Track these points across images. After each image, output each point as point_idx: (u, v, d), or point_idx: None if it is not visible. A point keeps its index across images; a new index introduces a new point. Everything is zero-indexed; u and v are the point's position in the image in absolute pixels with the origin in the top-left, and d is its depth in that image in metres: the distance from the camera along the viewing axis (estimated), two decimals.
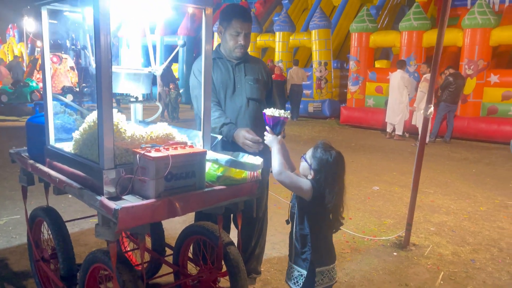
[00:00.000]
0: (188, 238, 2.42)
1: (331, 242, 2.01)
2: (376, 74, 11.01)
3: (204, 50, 2.11)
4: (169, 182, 1.81)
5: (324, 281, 1.91)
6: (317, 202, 1.86)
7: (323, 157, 1.85)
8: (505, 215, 4.46)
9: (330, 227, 1.96)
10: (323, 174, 1.85)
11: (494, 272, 3.17)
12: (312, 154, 1.90)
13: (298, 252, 1.93)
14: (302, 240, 1.91)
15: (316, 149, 1.90)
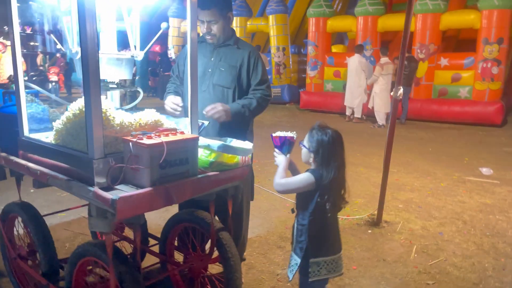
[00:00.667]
0: (175, 226, 2.38)
1: (334, 232, 1.97)
2: (334, 59, 11.23)
3: (189, 37, 2.04)
4: (164, 169, 1.76)
5: (321, 273, 1.89)
6: (321, 190, 1.86)
7: (320, 137, 1.87)
8: (464, 190, 4.75)
9: (332, 214, 1.92)
10: (321, 154, 1.86)
11: (461, 243, 3.38)
12: (309, 138, 1.92)
13: (297, 241, 1.95)
14: (300, 229, 1.93)
15: (312, 131, 1.91)
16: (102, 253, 1.79)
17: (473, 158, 6.31)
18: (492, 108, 9.11)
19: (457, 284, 2.76)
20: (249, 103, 2.59)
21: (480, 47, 9.22)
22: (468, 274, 2.88)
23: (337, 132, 1.90)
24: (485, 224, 3.76)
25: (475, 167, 5.74)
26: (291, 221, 3.79)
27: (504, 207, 4.20)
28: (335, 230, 1.97)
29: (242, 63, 2.65)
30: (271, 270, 2.91)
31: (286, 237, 3.46)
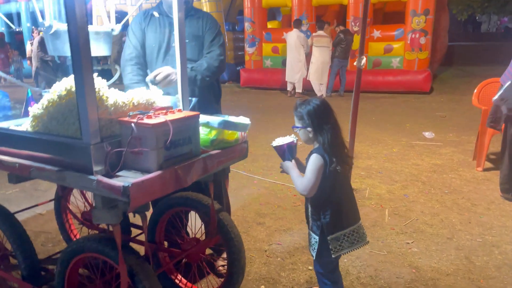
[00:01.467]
0: (166, 212, 2.24)
1: (350, 201, 1.94)
2: (271, 35, 11.22)
3: (177, 17, 1.88)
4: (169, 151, 1.63)
5: (344, 246, 1.87)
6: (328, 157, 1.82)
7: (306, 109, 1.84)
8: (414, 153, 5.04)
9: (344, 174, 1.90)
10: (316, 123, 1.83)
11: (426, 202, 3.59)
12: (297, 117, 1.88)
13: (313, 219, 1.92)
14: (315, 206, 1.89)
15: (297, 110, 1.88)
16: (105, 247, 1.63)
17: (413, 124, 6.72)
18: (421, 76, 9.72)
19: (433, 240, 2.94)
20: (199, 65, 2.36)
21: (409, 18, 9.72)
22: (440, 230, 3.07)
23: (319, 98, 1.89)
24: (441, 183, 4.02)
25: (417, 132, 6.11)
26: (264, 198, 3.81)
27: (453, 166, 4.53)
28: (351, 198, 1.96)
29: (203, 31, 2.46)
30: (257, 247, 2.88)
31: (263, 213, 3.44)
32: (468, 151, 5.04)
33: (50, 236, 3.13)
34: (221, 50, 2.50)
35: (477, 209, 3.43)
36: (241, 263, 2.09)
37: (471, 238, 2.94)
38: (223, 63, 2.48)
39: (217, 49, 2.48)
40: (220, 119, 1.84)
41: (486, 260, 2.65)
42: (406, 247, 2.85)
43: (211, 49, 2.47)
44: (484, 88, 4.56)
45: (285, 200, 3.73)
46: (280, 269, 2.62)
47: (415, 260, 2.68)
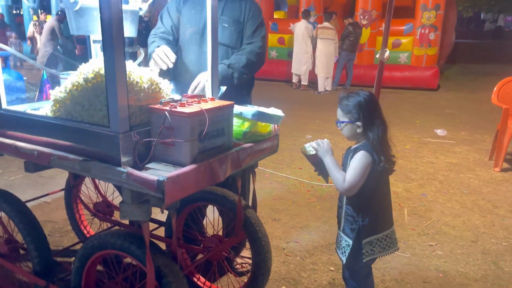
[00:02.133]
0: (187, 206, 2.11)
1: (387, 204, 1.82)
2: (278, 25, 11.02)
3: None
4: (202, 142, 1.49)
5: (376, 251, 1.75)
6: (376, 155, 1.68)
7: (355, 101, 1.70)
8: (428, 151, 4.93)
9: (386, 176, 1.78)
10: (367, 116, 1.69)
11: (445, 202, 3.48)
12: (343, 110, 1.73)
13: (348, 220, 1.78)
14: (356, 208, 1.75)
15: (343, 103, 1.74)
16: (131, 245, 1.50)
17: (423, 121, 6.60)
18: (429, 72, 9.60)
19: (457, 243, 2.83)
20: (237, 61, 2.19)
21: (419, 13, 9.56)
22: (463, 233, 2.97)
23: (366, 91, 1.75)
24: (459, 183, 3.91)
25: (428, 129, 6.00)
26: (276, 192, 3.68)
27: (469, 165, 4.42)
28: (389, 201, 1.83)
29: (244, 16, 2.27)
30: (274, 244, 2.76)
31: (277, 208, 3.32)
32: (483, 150, 4.93)
33: (57, 226, 2.99)
34: (262, 43, 2.29)
35: (499, 211, 3.32)
36: (268, 265, 1.96)
37: (496, 242, 2.84)
38: (263, 57, 2.31)
39: (259, 41, 2.27)
40: (254, 110, 1.71)
41: None
42: (430, 249, 2.73)
43: (253, 40, 2.27)
44: (504, 87, 4.43)
45: (299, 195, 3.60)
46: (300, 269, 2.50)
47: (441, 264, 2.57)
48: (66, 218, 2.74)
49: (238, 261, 2.44)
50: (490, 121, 6.29)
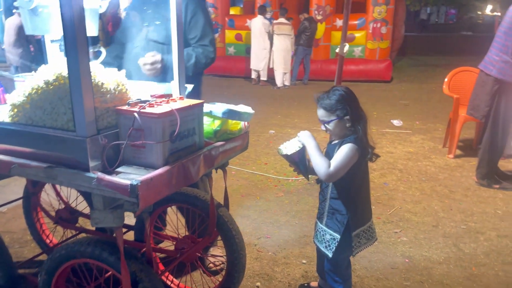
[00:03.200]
0: (157, 208, 2.06)
1: (368, 197, 1.88)
2: (234, 21, 10.98)
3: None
4: (174, 143, 1.46)
5: (362, 242, 1.81)
6: (361, 148, 1.72)
7: (338, 97, 1.73)
8: (387, 141, 5.10)
9: (365, 176, 1.84)
10: (353, 108, 1.73)
11: (406, 190, 3.62)
12: (327, 110, 1.74)
13: (333, 214, 1.80)
14: (343, 201, 1.77)
15: (324, 100, 1.76)
16: (103, 252, 1.45)
17: (380, 112, 6.81)
18: (383, 65, 9.92)
19: (420, 228, 2.95)
20: (187, 58, 2.18)
21: (370, 8, 9.84)
22: (424, 218, 3.10)
23: (345, 87, 1.80)
24: (418, 171, 4.08)
25: (386, 120, 6.20)
26: (244, 189, 3.68)
27: (425, 153, 4.61)
28: (369, 192, 1.89)
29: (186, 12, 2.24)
30: (246, 241, 2.73)
31: (246, 205, 3.32)
32: (436, 138, 5.16)
33: (15, 236, 2.84)
34: (213, 48, 2.32)
35: (455, 196, 3.50)
36: (242, 262, 1.96)
37: (455, 225, 2.99)
38: (214, 59, 2.33)
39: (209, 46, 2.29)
40: (225, 108, 1.69)
41: (474, 247, 2.69)
42: (395, 236, 2.84)
43: (202, 43, 2.28)
44: (455, 77, 4.66)
45: (267, 191, 3.62)
46: (273, 264, 2.52)
47: (406, 250, 2.67)
48: (25, 228, 2.61)
49: (211, 259, 2.42)
50: (441, 110, 6.61)
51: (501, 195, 3.49)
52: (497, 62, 3.42)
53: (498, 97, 3.44)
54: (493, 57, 3.46)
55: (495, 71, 3.43)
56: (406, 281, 2.36)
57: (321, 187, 1.87)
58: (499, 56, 3.40)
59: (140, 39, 2.25)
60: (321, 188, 1.87)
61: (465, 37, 26.27)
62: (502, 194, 3.51)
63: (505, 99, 3.42)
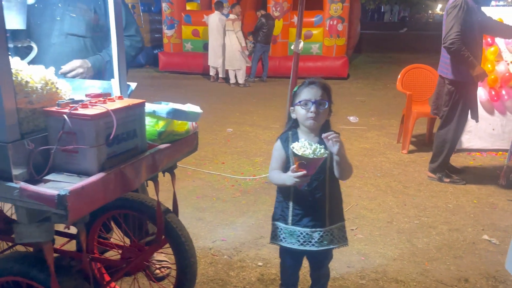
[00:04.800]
0: (102, 215, 1.92)
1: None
2: (191, 17, 10.76)
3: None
4: (111, 147, 1.34)
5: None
6: None
7: (324, 82, 1.73)
8: (343, 138, 5.03)
9: None
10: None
11: (362, 186, 3.64)
12: (326, 91, 1.72)
13: (338, 210, 1.87)
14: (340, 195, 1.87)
15: (326, 86, 1.73)
16: (32, 268, 1.30)
17: (337, 109, 6.76)
18: (339, 62, 10.06)
19: (375, 225, 2.96)
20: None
21: (327, 5, 9.94)
22: (380, 215, 3.12)
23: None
24: (373, 167, 4.13)
25: (342, 117, 6.26)
26: (200, 190, 3.57)
27: (380, 149, 4.68)
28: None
29: (96, 5, 2.15)
30: (201, 245, 2.66)
31: (201, 207, 3.22)
32: (391, 134, 5.26)
33: None
34: (140, 36, 2.29)
35: (409, 191, 3.56)
36: (193, 269, 1.86)
37: (409, 221, 3.02)
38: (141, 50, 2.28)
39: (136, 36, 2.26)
40: (169, 108, 1.58)
41: (427, 242, 2.73)
42: (352, 234, 2.83)
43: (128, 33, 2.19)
44: (407, 74, 4.75)
45: (223, 191, 3.53)
46: (228, 268, 2.43)
47: (362, 247, 2.67)
48: None
49: (157, 266, 2.30)
50: (395, 106, 6.76)
51: (452, 189, 3.58)
52: (447, 64, 3.50)
53: (455, 96, 3.50)
54: (444, 59, 3.54)
55: (448, 73, 3.50)
56: (362, 279, 2.35)
57: (313, 188, 1.74)
58: (447, 57, 3.47)
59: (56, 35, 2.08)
60: (313, 189, 1.74)
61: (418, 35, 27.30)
62: (452, 188, 3.60)
63: (461, 98, 3.49)
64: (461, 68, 3.37)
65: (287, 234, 1.81)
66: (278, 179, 1.74)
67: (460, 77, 3.42)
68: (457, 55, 3.29)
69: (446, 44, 3.30)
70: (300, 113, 1.73)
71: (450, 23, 3.31)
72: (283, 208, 1.83)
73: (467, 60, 3.27)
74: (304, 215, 1.78)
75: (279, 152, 1.81)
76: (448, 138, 3.59)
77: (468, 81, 3.40)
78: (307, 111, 1.70)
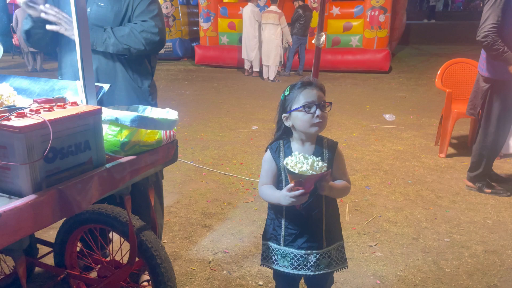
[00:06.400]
0: (76, 229, 1.77)
1: None
2: (227, 10, 10.59)
3: None
4: (52, 163, 1.15)
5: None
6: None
7: (323, 88, 1.53)
8: (376, 138, 4.76)
9: None
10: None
11: (389, 195, 3.30)
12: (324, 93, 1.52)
13: (338, 227, 1.66)
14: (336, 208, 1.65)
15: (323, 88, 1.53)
16: None
17: (373, 105, 6.47)
18: (381, 55, 9.50)
19: (398, 241, 2.63)
20: (119, 28, 1.88)
21: None
22: (405, 229, 2.78)
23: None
24: (404, 172, 3.75)
25: (378, 114, 5.86)
26: (212, 193, 3.38)
27: (415, 152, 4.28)
28: None
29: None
30: (200, 257, 2.47)
31: (210, 212, 3.02)
32: (429, 135, 4.82)
33: None
34: (155, 22, 1.93)
35: (443, 202, 3.17)
36: None
37: (438, 238, 2.67)
38: (155, 38, 1.93)
39: (151, 20, 1.93)
40: (134, 115, 1.37)
41: (456, 265, 2.38)
42: (369, 251, 2.53)
43: (143, 18, 1.93)
44: (448, 70, 4.30)
45: (236, 195, 3.32)
46: (226, 285, 2.22)
47: (379, 268, 2.36)
48: None
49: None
50: (438, 104, 6.24)
51: (493, 201, 3.16)
52: (484, 60, 3.09)
53: (490, 96, 3.09)
54: (482, 54, 3.12)
55: (484, 70, 3.10)
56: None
57: (308, 205, 1.50)
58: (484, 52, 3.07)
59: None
60: (308, 205, 1.50)
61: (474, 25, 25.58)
62: (494, 200, 3.18)
63: (498, 98, 3.07)
64: (497, 64, 2.95)
65: (280, 256, 1.58)
66: (271, 197, 1.51)
67: (496, 74, 3.00)
68: (490, 49, 2.88)
69: (480, 37, 2.89)
70: (303, 119, 1.48)
71: (486, 14, 2.90)
72: (275, 226, 1.60)
73: (502, 55, 2.84)
74: (299, 235, 1.55)
75: (269, 164, 1.58)
76: (488, 143, 3.16)
77: (504, 79, 2.97)
78: (313, 116, 1.46)
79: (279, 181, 1.57)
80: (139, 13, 1.91)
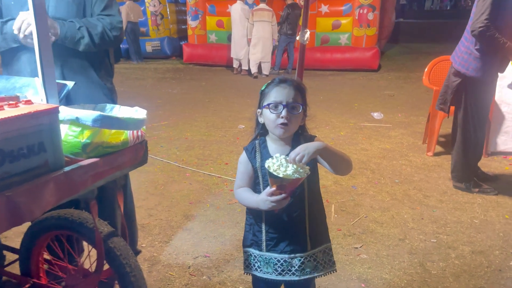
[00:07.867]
0: (42, 235, 1.67)
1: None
2: (215, 7, 10.46)
3: None
4: (0, 167, 1.06)
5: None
6: None
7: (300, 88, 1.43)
8: (363, 137, 4.70)
9: None
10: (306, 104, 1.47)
11: (376, 195, 3.23)
12: (300, 91, 1.43)
13: (325, 228, 1.58)
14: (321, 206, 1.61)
15: (301, 86, 1.44)
16: None
17: (362, 103, 6.42)
18: (369, 53, 9.46)
19: (384, 243, 2.57)
20: (91, 26, 1.82)
21: None
22: (391, 230, 2.72)
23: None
24: (391, 171, 3.70)
25: (366, 112, 5.81)
26: (195, 195, 3.28)
27: (403, 150, 4.23)
28: None
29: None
30: (180, 262, 2.37)
31: (192, 214, 2.93)
32: (417, 133, 4.77)
33: None
34: (121, 17, 1.95)
35: (430, 201, 3.12)
36: None
37: (424, 239, 2.61)
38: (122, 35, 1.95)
39: (117, 16, 1.95)
40: (96, 114, 1.28)
41: (443, 267, 2.32)
42: (354, 253, 2.46)
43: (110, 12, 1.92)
44: (435, 67, 4.25)
45: (220, 196, 3.23)
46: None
47: (364, 271, 2.29)
48: None
49: None
50: (426, 102, 6.18)
51: (480, 200, 3.11)
52: (461, 53, 3.04)
53: (465, 93, 3.05)
54: (460, 47, 3.07)
55: (458, 63, 3.05)
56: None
57: (288, 206, 1.37)
58: (464, 46, 3.02)
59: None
60: (289, 207, 1.38)
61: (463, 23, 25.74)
62: (481, 199, 3.13)
63: (474, 95, 3.03)
64: (473, 60, 2.92)
65: (262, 262, 1.49)
66: (249, 201, 1.43)
67: (468, 71, 2.97)
68: (492, 41, 2.80)
69: (475, 31, 2.82)
70: (269, 118, 1.41)
71: (483, 8, 2.83)
72: (255, 232, 1.52)
73: (504, 46, 2.79)
74: (281, 239, 1.47)
75: (245, 166, 1.51)
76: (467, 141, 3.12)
77: (476, 76, 2.94)
78: (277, 116, 1.38)
79: (255, 184, 1.50)
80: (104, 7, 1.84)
